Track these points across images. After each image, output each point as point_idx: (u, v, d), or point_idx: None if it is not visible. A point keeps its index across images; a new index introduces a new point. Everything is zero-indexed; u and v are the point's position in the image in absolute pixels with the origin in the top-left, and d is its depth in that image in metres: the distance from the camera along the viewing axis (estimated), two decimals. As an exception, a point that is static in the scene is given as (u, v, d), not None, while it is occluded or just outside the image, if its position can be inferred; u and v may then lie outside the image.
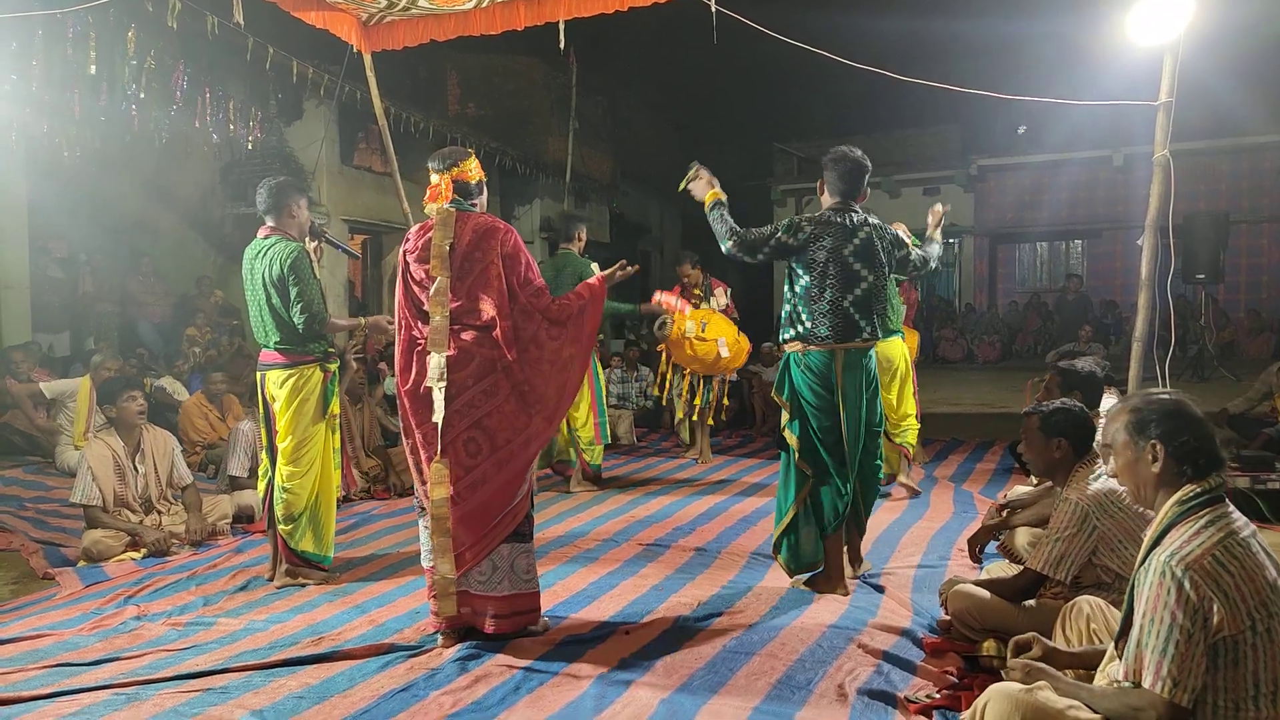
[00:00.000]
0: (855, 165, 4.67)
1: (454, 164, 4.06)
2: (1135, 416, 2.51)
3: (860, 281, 4.53)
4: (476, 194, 4.14)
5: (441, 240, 3.93)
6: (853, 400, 4.54)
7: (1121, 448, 2.54)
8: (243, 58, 9.61)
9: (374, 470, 7.56)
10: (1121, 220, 18.67)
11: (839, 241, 4.54)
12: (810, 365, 4.55)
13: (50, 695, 3.47)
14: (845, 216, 4.62)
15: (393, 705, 3.34)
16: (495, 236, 3.95)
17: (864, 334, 4.55)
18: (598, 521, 6.33)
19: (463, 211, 4.03)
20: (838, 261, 4.52)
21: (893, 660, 3.63)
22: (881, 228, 4.72)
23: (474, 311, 3.92)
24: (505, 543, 3.93)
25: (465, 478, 3.88)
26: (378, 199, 13.31)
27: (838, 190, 4.71)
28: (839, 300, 4.51)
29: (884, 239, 4.67)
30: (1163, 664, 2.25)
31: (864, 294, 4.54)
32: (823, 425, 4.55)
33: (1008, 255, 21.86)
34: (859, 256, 4.54)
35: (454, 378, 3.88)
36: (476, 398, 3.89)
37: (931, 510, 6.47)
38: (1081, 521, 3.43)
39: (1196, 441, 2.43)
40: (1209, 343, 13.38)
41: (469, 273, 3.92)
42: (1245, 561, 2.28)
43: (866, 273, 4.55)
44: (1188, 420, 2.46)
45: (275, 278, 4.81)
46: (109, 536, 5.55)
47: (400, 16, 6.18)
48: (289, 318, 4.84)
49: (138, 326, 11.58)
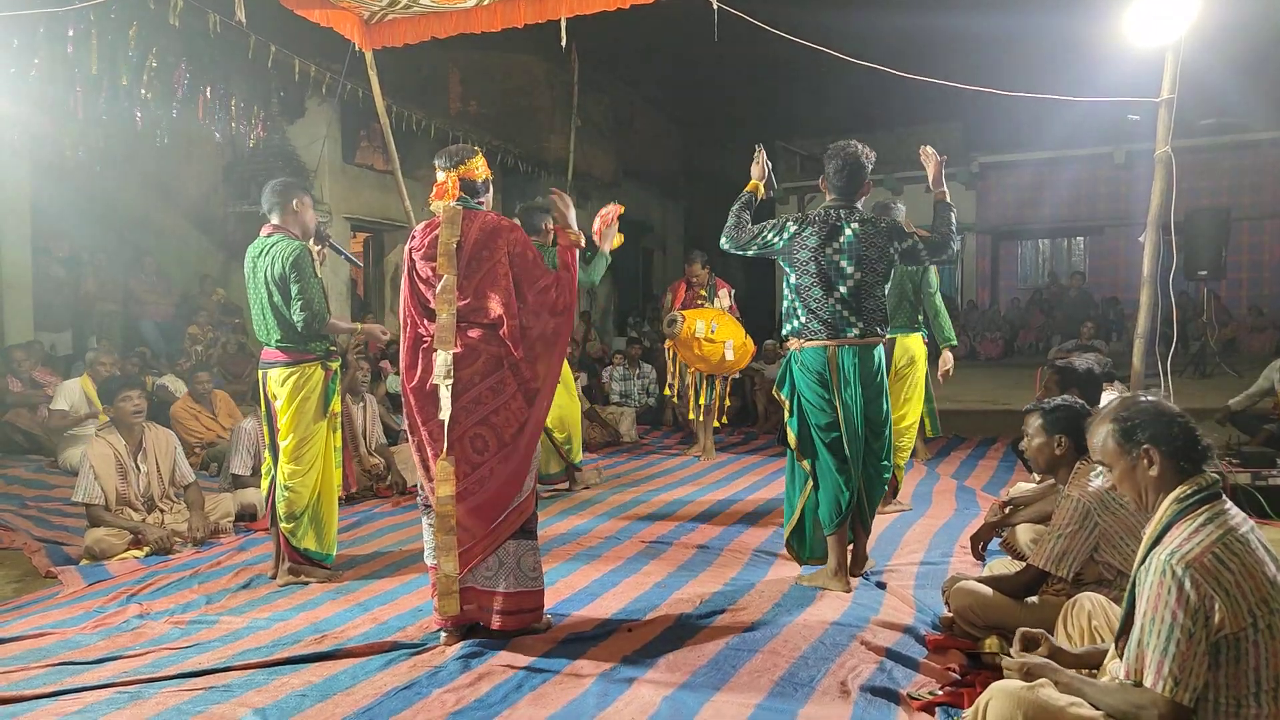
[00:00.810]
0: (850, 159, 4.62)
1: (460, 162, 4.06)
2: (1120, 425, 2.51)
3: (846, 279, 4.53)
4: (483, 192, 4.16)
5: (449, 238, 3.94)
6: (850, 397, 4.52)
7: (1114, 458, 2.54)
8: (245, 56, 9.61)
9: (376, 468, 7.56)
10: (1123, 217, 18.63)
11: (824, 239, 4.55)
12: (806, 362, 4.58)
13: (53, 694, 3.47)
14: (835, 213, 4.62)
15: (395, 703, 3.34)
16: (503, 235, 3.96)
17: (853, 331, 4.53)
18: (600, 519, 6.33)
19: (469, 210, 4.04)
20: (823, 259, 4.54)
21: (895, 657, 3.63)
22: (874, 221, 4.66)
23: (481, 309, 3.93)
24: (512, 539, 3.94)
25: (472, 474, 3.89)
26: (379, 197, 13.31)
27: (834, 186, 4.70)
28: (825, 297, 4.53)
29: (877, 234, 4.59)
30: (1164, 663, 2.25)
31: (851, 291, 4.53)
32: (820, 423, 4.57)
33: (1009, 252, 21.84)
34: (845, 254, 4.54)
35: (460, 374, 3.89)
36: (483, 394, 3.91)
37: (934, 507, 6.47)
38: (1083, 518, 3.43)
39: (1184, 436, 2.44)
40: (1211, 339, 13.36)
41: (476, 271, 3.93)
42: (1245, 558, 2.28)
43: (853, 269, 4.53)
44: (1170, 418, 2.47)
45: (277, 276, 4.81)
46: (111, 535, 5.56)
47: (402, 14, 6.19)
48: (290, 316, 4.85)
49: (140, 325, 11.59)
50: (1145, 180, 5.67)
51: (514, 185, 16.92)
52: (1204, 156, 17.30)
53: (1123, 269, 19.30)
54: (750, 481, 7.56)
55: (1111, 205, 19.28)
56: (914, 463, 7.99)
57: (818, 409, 4.56)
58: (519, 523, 3.95)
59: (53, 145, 10.03)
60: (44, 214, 10.64)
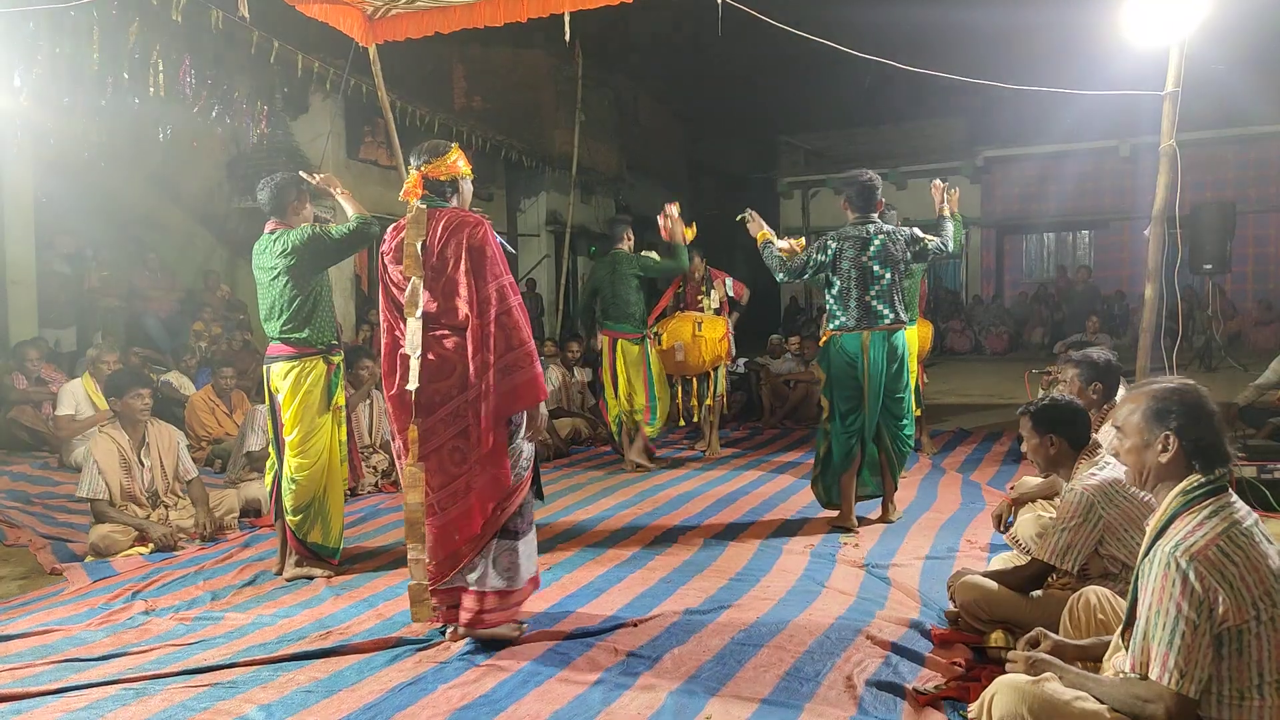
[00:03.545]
0: (866, 185, 5.72)
1: (427, 160, 3.93)
2: (1156, 404, 2.48)
3: (879, 279, 5.59)
4: (450, 192, 4.00)
5: (413, 239, 3.82)
6: (876, 369, 5.58)
7: (1133, 430, 2.52)
8: (247, 51, 9.61)
9: (383, 464, 7.56)
10: (1128, 211, 18.61)
11: (858, 250, 5.62)
12: (844, 346, 5.64)
13: (59, 690, 3.47)
14: (862, 229, 5.67)
15: (401, 699, 3.34)
16: (463, 231, 3.80)
17: (886, 319, 5.60)
18: (606, 514, 6.33)
19: (434, 208, 3.90)
20: (859, 266, 5.59)
21: (901, 652, 3.63)
22: (896, 232, 5.68)
23: (450, 311, 3.81)
24: (494, 538, 3.83)
25: (448, 486, 3.80)
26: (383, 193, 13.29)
27: (856, 207, 5.74)
28: (863, 296, 5.60)
29: (898, 241, 5.64)
30: (1169, 655, 2.25)
31: (884, 288, 5.60)
32: (843, 394, 5.67)
33: (1014, 246, 21.83)
34: (877, 259, 5.59)
35: (438, 386, 3.80)
36: (461, 407, 3.79)
37: (939, 501, 6.46)
38: (1087, 511, 3.43)
39: (1210, 438, 2.42)
40: (1216, 333, 13.33)
41: (442, 271, 3.81)
42: (1249, 551, 2.28)
43: (883, 271, 5.59)
44: (1206, 416, 2.44)
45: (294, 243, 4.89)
46: (116, 531, 5.56)
47: (405, 9, 6.18)
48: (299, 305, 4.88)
49: (144, 321, 11.58)
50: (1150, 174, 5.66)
51: (518, 180, 16.94)
52: (1209, 150, 17.27)
53: (1127, 263, 19.30)
54: (755, 476, 7.55)
55: (1116, 199, 19.26)
56: (919, 457, 7.99)
57: (842, 382, 5.66)
58: (502, 521, 3.82)
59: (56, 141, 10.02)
60: (48, 210, 10.65)
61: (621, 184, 19.94)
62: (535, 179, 17.12)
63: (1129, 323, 16.27)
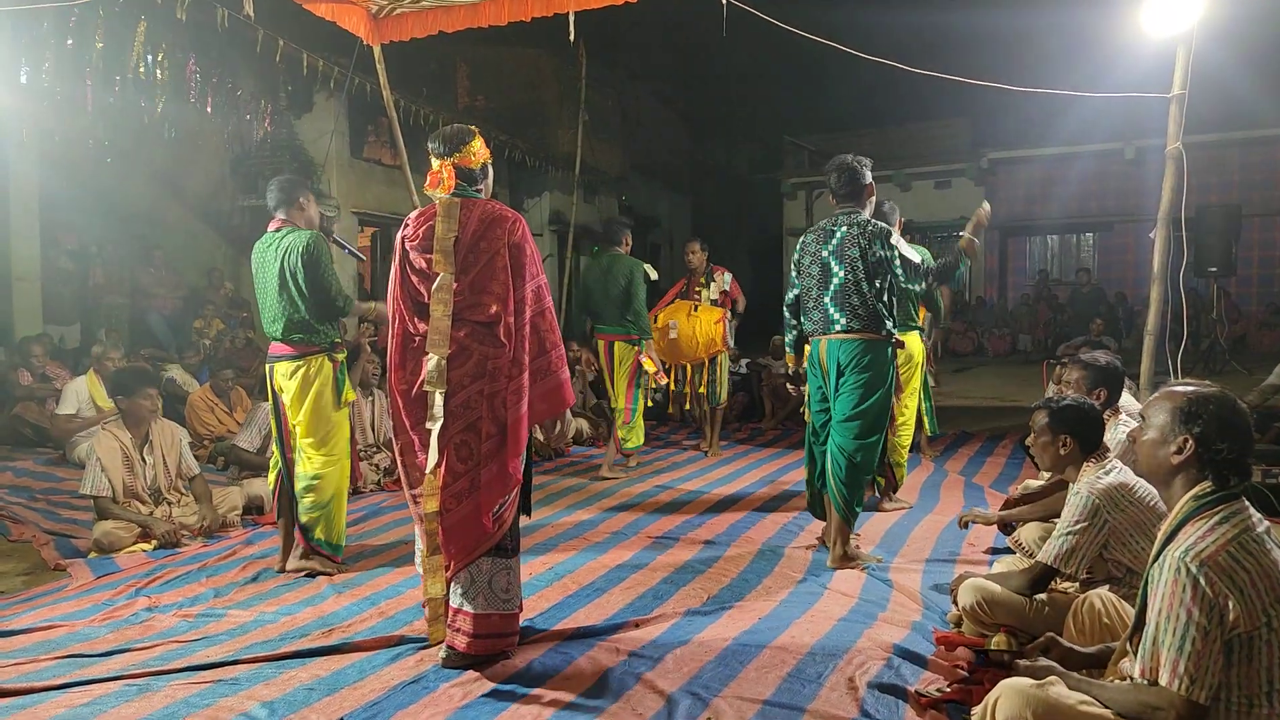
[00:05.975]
0: (843, 168, 5.05)
1: (456, 149, 3.76)
2: (1190, 407, 2.42)
3: (833, 278, 4.92)
4: (481, 179, 3.86)
5: (446, 233, 3.64)
6: (831, 386, 4.97)
7: (1156, 425, 2.48)
8: (252, 50, 9.61)
9: (384, 462, 7.56)
10: (1133, 213, 18.57)
11: (819, 244, 5.02)
12: (810, 354, 5.13)
13: (62, 686, 3.48)
14: (835, 219, 5.02)
15: (403, 697, 3.34)
16: (503, 225, 3.66)
17: (838, 326, 4.91)
18: (607, 514, 6.33)
19: (468, 199, 3.74)
20: (818, 262, 5.00)
21: (904, 654, 3.62)
22: (865, 224, 4.93)
23: (477, 306, 3.63)
24: (486, 556, 3.63)
25: (454, 484, 3.62)
26: (387, 191, 13.33)
27: (838, 195, 5.11)
28: (820, 296, 4.98)
29: (861, 235, 4.88)
30: (1179, 662, 2.23)
31: (838, 289, 4.91)
32: (812, 407, 5.21)
33: (1018, 248, 21.80)
34: (835, 255, 4.93)
35: (451, 375, 3.61)
36: (473, 399, 3.61)
37: (942, 504, 6.45)
38: (1092, 515, 3.42)
39: (1230, 454, 2.38)
40: (1221, 336, 13.32)
41: (473, 265, 3.64)
42: (1260, 558, 2.26)
43: (839, 269, 4.90)
44: (1232, 431, 2.39)
45: (296, 265, 4.82)
46: (120, 528, 5.57)
47: (410, 8, 6.18)
48: (304, 306, 4.86)
49: (148, 318, 11.62)
50: (1155, 176, 5.65)
51: (521, 180, 16.93)
52: (1215, 152, 17.23)
53: (1132, 265, 19.26)
54: (757, 477, 7.54)
55: (1121, 201, 19.22)
56: (921, 459, 7.98)
57: (812, 394, 5.16)
58: (499, 535, 3.64)
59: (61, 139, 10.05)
60: (52, 207, 10.67)
61: (625, 184, 19.93)
62: (538, 179, 17.12)
63: (1133, 325, 16.24)
